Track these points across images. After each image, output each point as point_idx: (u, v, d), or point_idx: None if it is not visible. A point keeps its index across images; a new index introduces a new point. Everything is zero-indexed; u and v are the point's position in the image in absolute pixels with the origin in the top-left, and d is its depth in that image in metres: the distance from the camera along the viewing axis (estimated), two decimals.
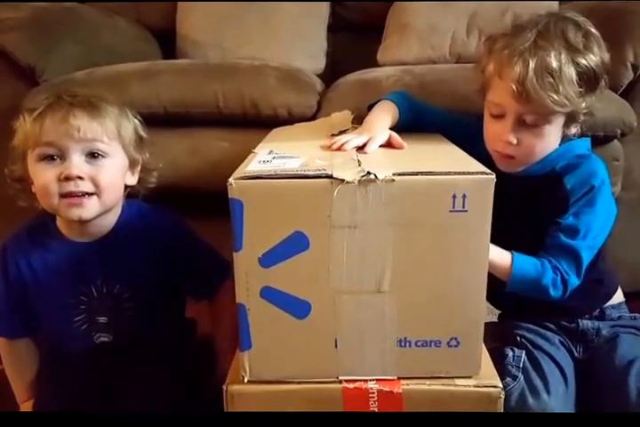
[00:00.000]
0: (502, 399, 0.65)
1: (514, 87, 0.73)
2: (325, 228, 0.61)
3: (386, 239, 0.61)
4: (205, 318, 0.92)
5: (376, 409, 0.65)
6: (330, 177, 0.59)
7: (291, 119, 1.13)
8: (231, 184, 0.60)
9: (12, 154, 0.79)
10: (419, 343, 0.65)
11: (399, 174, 0.59)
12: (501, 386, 0.65)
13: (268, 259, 0.62)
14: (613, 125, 1.05)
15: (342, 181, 0.59)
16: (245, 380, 0.66)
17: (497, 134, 0.79)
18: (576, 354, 0.84)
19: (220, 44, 1.49)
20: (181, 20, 1.55)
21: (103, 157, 0.76)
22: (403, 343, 0.65)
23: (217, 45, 1.49)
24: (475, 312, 0.64)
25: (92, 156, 0.76)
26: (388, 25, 1.48)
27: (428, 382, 0.66)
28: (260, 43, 1.47)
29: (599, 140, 1.05)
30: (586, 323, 0.84)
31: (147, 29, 1.59)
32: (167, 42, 1.56)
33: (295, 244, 0.62)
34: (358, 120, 0.88)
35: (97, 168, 0.76)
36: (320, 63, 1.53)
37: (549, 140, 0.79)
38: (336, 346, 0.65)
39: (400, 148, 0.75)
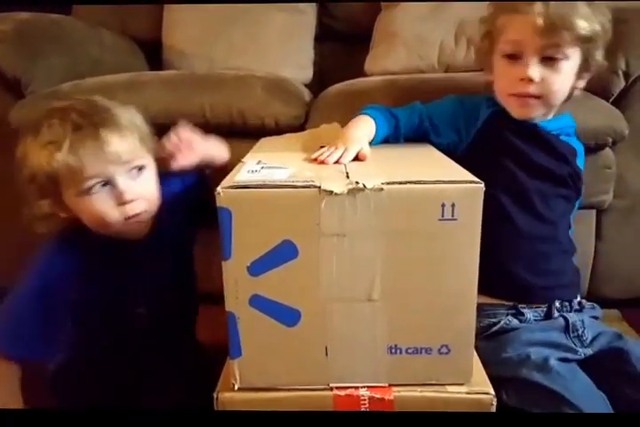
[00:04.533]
0: (494, 406, 0.65)
1: (537, 19, 0.76)
2: (314, 237, 0.61)
3: (375, 248, 0.62)
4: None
5: None
6: (318, 188, 0.59)
7: (278, 129, 1.12)
8: (219, 193, 0.60)
9: (35, 190, 0.74)
10: (409, 350, 0.65)
11: (388, 183, 0.59)
12: (493, 393, 0.65)
13: (257, 267, 0.62)
14: (604, 134, 1.05)
15: (331, 192, 0.59)
16: (236, 387, 0.66)
17: (516, 75, 0.80)
18: (580, 351, 0.81)
19: (207, 56, 1.49)
20: (167, 32, 1.54)
21: (142, 169, 0.77)
22: (393, 350, 0.65)
23: (204, 57, 1.49)
24: (465, 320, 0.65)
25: (134, 171, 0.76)
26: (376, 35, 1.48)
27: (419, 388, 0.66)
28: (247, 53, 1.47)
29: (590, 149, 1.05)
30: (571, 315, 0.83)
31: (133, 41, 1.58)
32: (153, 53, 1.56)
33: (284, 252, 0.62)
34: None
35: (141, 183, 0.76)
36: (308, 73, 1.53)
37: (566, 77, 0.82)
38: (326, 354, 0.65)
39: (362, 160, 0.74)
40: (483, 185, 0.60)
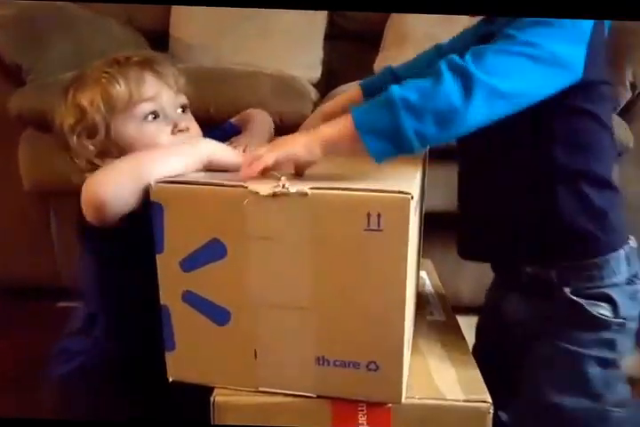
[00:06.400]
0: (491, 415, 0.63)
1: None
2: (241, 238, 0.60)
3: (303, 254, 0.60)
4: None
5: (365, 423, 0.64)
6: (246, 188, 0.59)
7: (283, 127, 1.12)
8: (152, 187, 0.60)
9: (82, 129, 0.73)
10: (337, 363, 0.63)
11: (313, 188, 0.57)
12: (490, 401, 0.63)
13: (188, 263, 0.63)
14: None
15: (256, 193, 0.58)
16: (170, 380, 0.67)
17: None
18: None
19: (214, 50, 1.50)
20: (175, 24, 1.55)
21: (185, 109, 0.79)
22: (321, 362, 0.63)
23: (211, 51, 1.50)
24: (394, 338, 0.61)
25: (182, 110, 0.78)
26: (387, 35, 1.47)
27: (417, 395, 0.64)
28: (255, 50, 1.48)
29: None
30: None
31: (139, 32, 1.59)
32: (159, 45, 1.56)
33: (213, 251, 0.61)
34: None
35: (188, 118, 0.78)
36: (316, 72, 1.53)
37: None
38: (255, 357, 0.64)
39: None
40: (410, 196, 0.56)
